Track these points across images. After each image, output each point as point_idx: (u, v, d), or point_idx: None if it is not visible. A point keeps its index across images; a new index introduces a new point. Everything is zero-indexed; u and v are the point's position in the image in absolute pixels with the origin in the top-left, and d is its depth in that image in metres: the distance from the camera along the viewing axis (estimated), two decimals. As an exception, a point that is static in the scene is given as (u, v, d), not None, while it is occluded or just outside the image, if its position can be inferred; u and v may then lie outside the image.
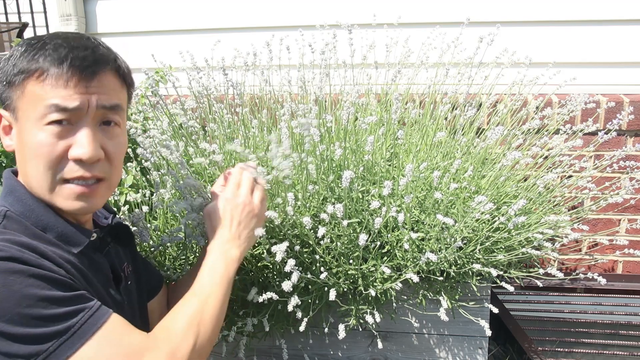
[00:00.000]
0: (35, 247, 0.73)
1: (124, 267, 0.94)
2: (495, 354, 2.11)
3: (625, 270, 2.06)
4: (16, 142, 0.82)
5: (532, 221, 1.45)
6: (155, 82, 1.68)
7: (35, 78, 0.77)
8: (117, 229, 0.95)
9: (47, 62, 0.77)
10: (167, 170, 1.29)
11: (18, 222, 0.78)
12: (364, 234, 1.08)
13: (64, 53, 0.77)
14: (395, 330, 1.54)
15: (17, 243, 0.72)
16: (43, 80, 0.77)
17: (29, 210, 0.79)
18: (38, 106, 0.77)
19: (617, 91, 2.06)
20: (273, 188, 1.26)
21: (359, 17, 2.01)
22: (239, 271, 1.37)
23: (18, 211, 0.79)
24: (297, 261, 1.21)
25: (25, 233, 0.76)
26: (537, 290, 2.03)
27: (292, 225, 1.27)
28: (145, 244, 1.31)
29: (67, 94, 0.77)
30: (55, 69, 0.77)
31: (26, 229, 0.77)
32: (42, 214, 0.79)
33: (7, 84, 0.80)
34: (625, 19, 2.06)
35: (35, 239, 0.76)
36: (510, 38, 1.87)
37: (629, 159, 1.86)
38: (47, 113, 0.77)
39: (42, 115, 0.77)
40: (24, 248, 0.71)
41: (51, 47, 0.78)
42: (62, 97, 0.77)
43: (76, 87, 0.77)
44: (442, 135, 1.30)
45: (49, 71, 0.77)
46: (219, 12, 2.32)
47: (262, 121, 1.61)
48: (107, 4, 2.38)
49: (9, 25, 2.49)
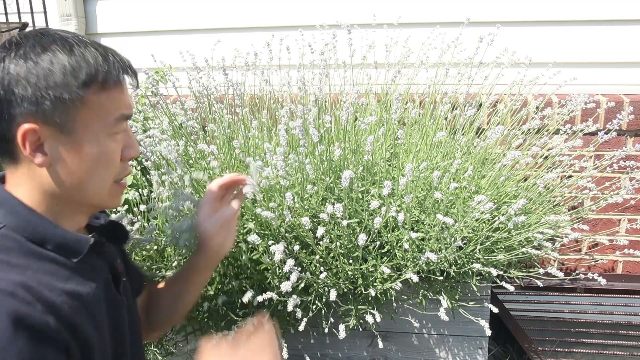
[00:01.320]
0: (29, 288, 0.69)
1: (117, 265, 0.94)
2: (495, 354, 2.11)
3: (625, 270, 2.06)
4: (62, 155, 0.76)
5: (532, 221, 1.45)
6: (155, 82, 1.68)
7: (96, 88, 0.75)
8: (111, 228, 0.95)
9: (106, 70, 0.75)
10: (166, 170, 1.29)
11: (11, 238, 0.74)
12: (363, 234, 1.08)
13: (116, 59, 0.77)
14: (395, 330, 1.54)
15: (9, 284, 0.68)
16: (107, 90, 0.76)
17: (25, 222, 0.76)
18: (104, 116, 0.77)
19: (617, 91, 2.06)
20: (271, 189, 1.26)
21: (359, 17, 2.01)
22: (237, 275, 1.37)
23: (12, 225, 0.75)
24: (297, 262, 1.21)
25: (21, 251, 0.73)
26: (537, 290, 2.03)
27: (291, 227, 1.27)
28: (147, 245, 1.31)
29: (128, 101, 0.80)
30: (116, 77, 0.76)
31: (21, 247, 0.73)
32: (38, 225, 0.77)
33: (55, 97, 0.73)
34: (625, 19, 2.06)
35: (30, 257, 0.73)
36: (510, 38, 1.87)
37: (629, 159, 1.85)
38: (117, 123, 0.78)
39: (111, 125, 0.77)
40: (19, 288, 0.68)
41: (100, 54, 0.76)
42: (126, 105, 0.79)
43: (128, 93, 0.80)
44: (442, 135, 1.30)
45: (112, 80, 0.76)
46: (219, 12, 2.32)
47: (262, 121, 1.61)
48: (107, 4, 2.38)
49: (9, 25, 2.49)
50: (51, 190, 0.78)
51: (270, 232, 1.30)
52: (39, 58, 0.73)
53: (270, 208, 1.21)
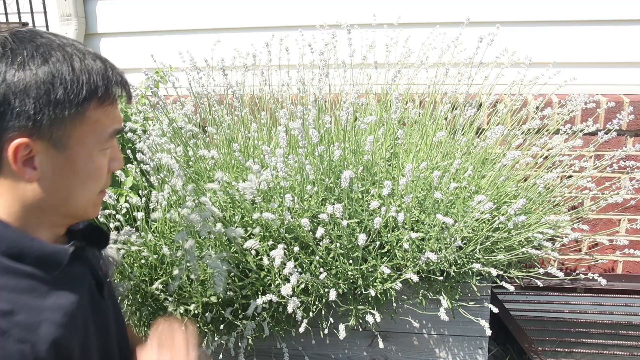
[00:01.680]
0: None
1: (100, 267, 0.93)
2: (495, 354, 2.11)
3: (625, 270, 2.06)
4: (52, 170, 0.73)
5: (532, 221, 1.45)
6: (155, 83, 1.68)
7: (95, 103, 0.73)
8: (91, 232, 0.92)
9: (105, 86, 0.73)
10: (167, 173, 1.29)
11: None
12: (363, 234, 1.08)
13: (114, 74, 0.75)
14: (395, 330, 1.54)
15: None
16: (105, 106, 0.73)
17: None
18: (100, 132, 0.75)
19: (617, 91, 2.05)
20: (270, 190, 1.26)
21: (359, 17, 2.01)
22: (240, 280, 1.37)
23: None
24: (297, 263, 1.21)
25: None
26: (537, 290, 2.03)
27: (291, 228, 1.27)
28: None
29: (120, 116, 0.78)
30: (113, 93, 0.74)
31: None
32: (14, 239, 0.73)
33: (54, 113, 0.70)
34: (625, 19, 2.06)
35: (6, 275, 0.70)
36: (510, 38, 1.87)
37: (629, 159, 1.85)
38: (110, 138, 0.76)
39: (104, 141, 0.76)
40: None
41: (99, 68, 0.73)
42: (119, 119, 0.77)
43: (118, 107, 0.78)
44: (442, 135, 1.30)
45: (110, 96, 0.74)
46: (218, 12, 2.32)
47: (261, 122, 1.61)
48: (107, 4, 2.38)
49: (9, 25, 2.49)
50: (34, 203, 0.75)
51: (270, 233, 1.30)
52: (40, 70, 0.69)
53: (271, 209, 1.21)
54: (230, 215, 1.34)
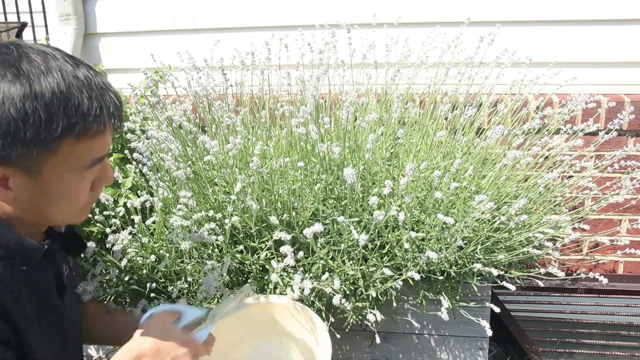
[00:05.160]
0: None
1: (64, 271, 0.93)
2: (495, 355, 2.11)
3: (626, 270, 2.05)
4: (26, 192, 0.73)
5: (532, 221, 1.45)
6: (155, 82, 1.67)
7: (72, 138, 0.70)
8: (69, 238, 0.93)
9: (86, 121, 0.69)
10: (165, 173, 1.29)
11: None
12: (364, 234, 1.08)
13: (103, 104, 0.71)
14: (396, 330, 1.53)
15: None
16: (84, 140, 0.71)
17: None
18: (74, 163, 0.73)
19: (618, 91, 2.05)
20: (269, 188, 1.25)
21: (359, 17, 2.01)
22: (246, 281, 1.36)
23: None
24: (298, 264, 1.21)
25: None
26: (538, 291, 2.02)
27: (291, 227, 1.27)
28: None
29: (106, 143, 0.76)
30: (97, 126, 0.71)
31: None
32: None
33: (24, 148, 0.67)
34: (625, 18, 2.06)
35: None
36: (511, 38, 1.87)
37: (630, 159, 1.85)
38: (91, 165, 0.75)
39: (83, 168, 0.75)
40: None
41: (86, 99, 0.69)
42: (100, 149, 0.75)
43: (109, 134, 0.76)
44: (443, 135, 1.29)
45: (91, 130, 0.71)
46: (218, 12, 2.31)
47: (261, 122, 1.61)
48: (107, 3, 2.37)
49: (8, 25, 2.48)
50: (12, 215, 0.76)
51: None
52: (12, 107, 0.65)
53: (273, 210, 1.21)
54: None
